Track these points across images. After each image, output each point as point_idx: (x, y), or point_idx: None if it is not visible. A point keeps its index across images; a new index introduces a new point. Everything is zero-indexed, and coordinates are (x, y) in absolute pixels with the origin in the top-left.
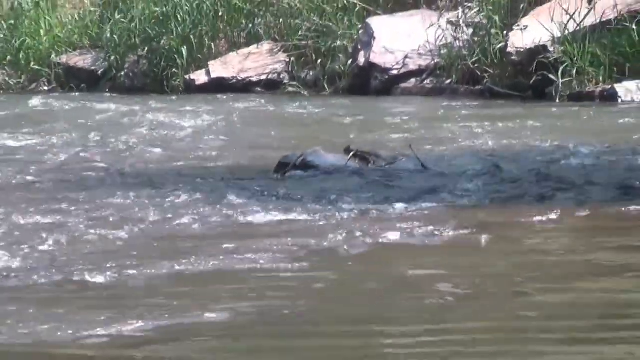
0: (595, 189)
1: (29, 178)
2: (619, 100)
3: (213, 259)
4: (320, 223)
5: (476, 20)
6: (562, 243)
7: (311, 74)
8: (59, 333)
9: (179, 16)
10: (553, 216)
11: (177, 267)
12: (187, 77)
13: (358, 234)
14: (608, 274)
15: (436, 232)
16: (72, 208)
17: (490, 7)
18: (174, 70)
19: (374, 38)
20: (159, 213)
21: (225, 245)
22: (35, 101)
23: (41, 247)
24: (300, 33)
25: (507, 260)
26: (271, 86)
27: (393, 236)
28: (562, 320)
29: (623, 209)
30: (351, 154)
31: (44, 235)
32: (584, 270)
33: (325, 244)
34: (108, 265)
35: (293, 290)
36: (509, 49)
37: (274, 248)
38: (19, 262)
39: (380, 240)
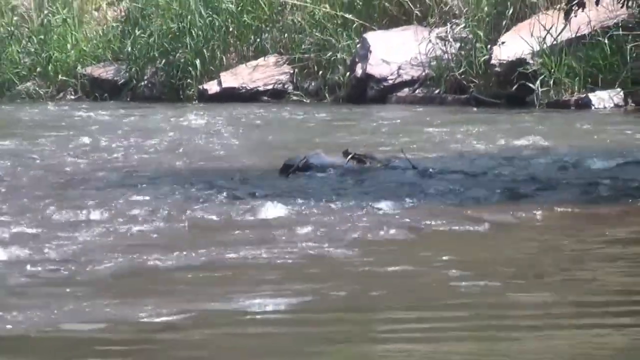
0: (567, 187)
1: (60, 176)
2: (593, 107)
3: (230, 248)
4: (322, 217)
5: (463, 35)
6: (538, 237)
7: (313, 84)
8: (89, 318)
9: (193, 32)
10: (530, 213)
11: (198, 256)
12: (200, 87)
13: (355, 225)
14: (584, 262)
15: (425, 225)
16: (101, 203)
17: (475, 23)
18: (188, 80)
19: (370, 51)
20: (179, 207)
21: (238, 236)
22: (63, 108)
23: (72, 240)
24: (303, 47)
25: (490, 252)
26: (277, 95)
27: (388, 228)
28: (543, 307)
29: (592, 205)
30: (349, 156)
31: (75, 229)
32: (565, 260)
33: (328, 234)
34: (136, 255)
35: (305, 275)
36: (492, 61)
37: (282, 238)
38: (52, 253)
39: (377, 232)
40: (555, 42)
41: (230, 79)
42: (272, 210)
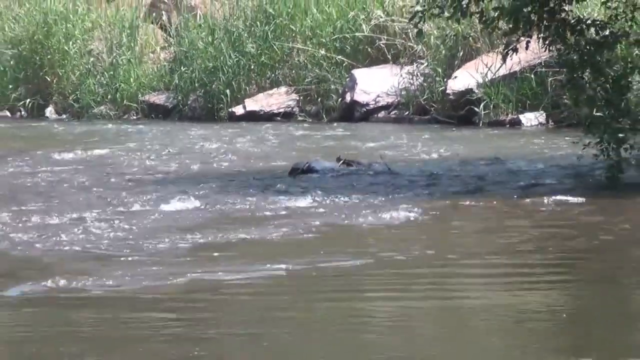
0: (502, 184)
1: (130, 175)
2: (522, 125)
3: (253, 229)
4: (321, 206)
5: (425, 71)
6: (483, 222)
7: (314, 107)
8: (144, 283)
9: (224, 69)
10: (478, 204)
11: (230, 235)
12: (230, 110)
13: (345, 212)
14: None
15: (396, 211)
16: (160, 197)
17: (435, 63)
18: (220, 105)
19: (356, 83)
20: (214, 199)
21: (260, 220)
22: (127, 126)
23: (142, 223)
24: (306, 80)
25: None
26: (287, 116)
27: (369, 213)
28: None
29: (522, 199)
30: (341, 161)
31: (143, 215)
32: (502, 240)
33: (325, 218)
34: (187, 235)
35: (311, 246)
36: (447, 91)
37: (291, 221)
38: (128, 232)
39: (360, 216)
40: (494, 77)
41: (252, 104)
42: (283, 201)
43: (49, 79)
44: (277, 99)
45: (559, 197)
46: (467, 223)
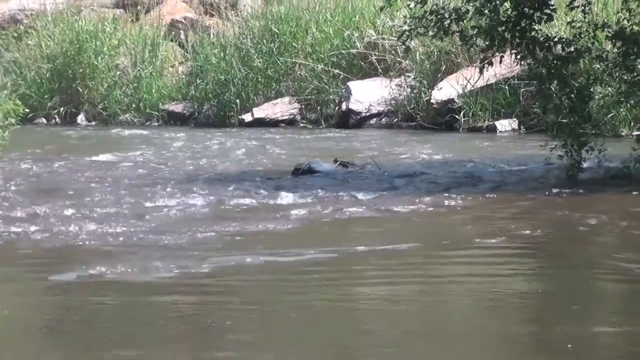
0: (482, 181)
1: (145, 175)
2: (497, 131)
3: (259, 221)
4: (319, 201)
5: (412, 83)
6: (463, 215)
7: (314, 115)
8: (168, 268)
9: (234, 81)
10: (458, 199)
11: (239, 226)
12: (240, 117)
13: (341, 206)
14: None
15: (386, 206)
16: (168, 194)
17: (421, 75)
18: (231, 113)
19: (351, 94)
20: (226, 195)
21: (265, 213)
22: (150, 131)
23: (161, 216)
24: (307, 91)
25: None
26: (290, 123)
27: (361, 207)
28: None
29: (496, 195)
30: (337, 162)
31: (161, 209)
32: (479, 229)
33: (323, 211)
34: (201, 226)
35: (321, 240)
36: (432, 100)
37: (294, 213)
38: (149, 224)
39: (354, 210)
40: (472, 88)
41: (259, 112)
42: (287, 197)
43: (80, 90)
44: (281, 108)
45: (529, 194)
46: (449, 216)
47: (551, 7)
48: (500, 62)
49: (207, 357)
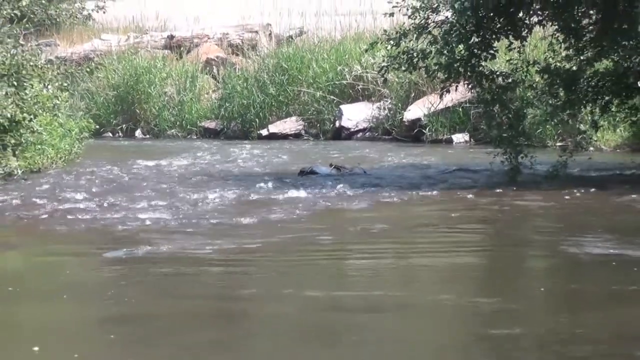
0: (441, 182)
1: (184, 176)
2: (453, 143)
3: (271, 213)
4: (320, 197)
5: (389, 106)
6: (432, 206)
7: (314, 130)
8: (195, 245)
9: (254, 105)
10: (427, 194)
11: (253, 217)
12: (258, 132)
13: (336, 200)
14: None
15: (372, 201)
16: (201, 190)
17: (396, 100)
18: (252, 129)
19: (343, 114)
20: (241, 193)
21: (276, 206)
22: (190, 143)
23: (187, 208)
24: (309, 112)
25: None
26: (296, 136)
27: (353, 201)
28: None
29: (454, 192)
30: (332, 166)
31: (188, 202)
32: (448, 220)
33: (322, 205)
34: (221, 217)
35: (322, 224)
36: (404, 119)
37: (300, 206)
38: (176, 214)
39: (348, 203)
40: (435, 110)
41: (273, 128)
42: (294, 193)
43: (137, 111)
44: (289, 125)
45: (477, 190)
46: (420, 207)
47: (494, 49)
48: (456, 90)
49: (233, 295)
